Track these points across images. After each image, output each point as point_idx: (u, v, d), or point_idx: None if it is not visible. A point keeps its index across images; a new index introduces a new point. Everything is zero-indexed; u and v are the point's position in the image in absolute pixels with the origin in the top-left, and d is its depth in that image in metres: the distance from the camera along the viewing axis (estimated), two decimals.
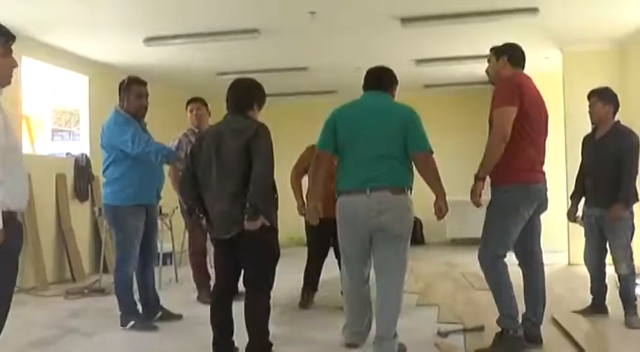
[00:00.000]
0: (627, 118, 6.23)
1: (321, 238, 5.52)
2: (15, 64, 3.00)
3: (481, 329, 4.66)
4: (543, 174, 4.08)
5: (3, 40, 2.92)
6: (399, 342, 3.92)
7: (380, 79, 4.25)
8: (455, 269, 7.85)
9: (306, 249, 5.85)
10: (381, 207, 3.80)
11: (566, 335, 4.45)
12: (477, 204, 4.02)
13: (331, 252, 5.85)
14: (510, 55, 4.16)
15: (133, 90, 4.97)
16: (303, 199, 5.52)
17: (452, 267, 8.01)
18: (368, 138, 3.92)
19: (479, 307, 5.16)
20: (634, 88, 7.67)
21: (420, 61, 8.82)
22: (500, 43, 8.48)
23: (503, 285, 3.99)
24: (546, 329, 4.66)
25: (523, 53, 4.22)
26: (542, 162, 4.08)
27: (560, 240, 8.46)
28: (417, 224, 11.27)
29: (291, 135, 8.65)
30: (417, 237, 11.16)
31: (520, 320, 4.01)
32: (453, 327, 4.66)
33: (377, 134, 3.92)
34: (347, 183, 3.95)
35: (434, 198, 4.00)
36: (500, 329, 3.99)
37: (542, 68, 9.36)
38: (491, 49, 4.27)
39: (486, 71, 4.32)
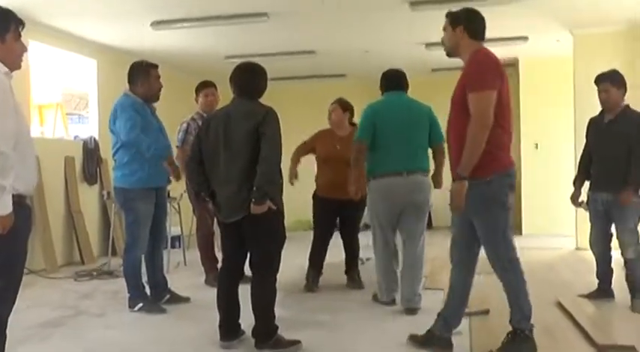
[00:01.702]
0: (638, 102, 6.18)
1: (327, 218, 5.76)
2: (25, 49, 3.05)
3: (486, 312, 4.68)
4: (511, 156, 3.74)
5: (13, 26, 2.95)
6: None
7: (399, 81, 5.10)
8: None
9: (312, 232, 5.88)
10: (415, 186, 4.74)
11: (571, 318, 4.46)
12: (459, 209, 3.52)
13: (337, 235, 5.88)
14: (467, 25, 3.63)
15: (152, 74, 5.01)
16: (295, 172, 5.76)
17: None
18: (401, 131, 4.79)
19: (484, 291, 5.14)
20: None
21: (430, 45, 8.75)
22: (510, 27, 8.46)
23: (522, 285, 3.65)
24: (551, 313, 4.69)
25: (483, 22, 3.67)
26: (510, 146, 3.69)
27: (568, 224, 8.45)
28: None
29: (299, 119, 8.64)
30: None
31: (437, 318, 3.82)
32: None
33: (409, 127, 4.83)
34: (386, 168, 4.76)
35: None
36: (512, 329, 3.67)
37: (553, 51, 9.32)
38: (447, 15, 3.74)
39: (442, 41, 3.83)
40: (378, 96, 5.17)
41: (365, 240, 5.69)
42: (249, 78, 3.98)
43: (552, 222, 9.54)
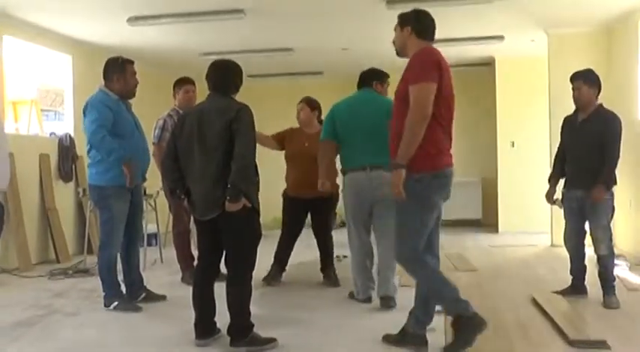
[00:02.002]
0: (612, 101, 6.26)
1: (295, 217, 5.79)
2: None
3: None
4: (451, 157, 3.73)
5: None
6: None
7: (366, 78, 5.12)
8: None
9: None
10: (378, 182, 4.62)
11: (545, 315, 4.52)
12: (400, 196, 3.50)
13: (310, 233, 5.89)
14: (414, 26, 3.70)
15: (128, 70, 4.97)
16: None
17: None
18: (364, 127, 4.80)
19: (460, 288, 5.19)
20: (619, 70, 7.71)
21: None
22: (486, 26, 8.55)
23: (435, 275, 3.66)
24: (525, 310, 4.74)
25: (431, 22, 3.74)
26: (450, 146, 3.72)
27: (544, 221, 8.54)
28: None
29: (277, 117, 8.59)
30: None
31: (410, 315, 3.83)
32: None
33: (372, 123, 4.74)
34: (352, 163, 4.85)
35: None
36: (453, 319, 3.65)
37: (528, 51, 9.41)
38: (398, 17, 3.83)
39: (393, 41, 3.89)
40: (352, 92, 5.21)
41: (342, 237, 5.70)
42: (224, 74, 3.97)
43: (528, 220, 9.63)
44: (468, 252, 7.89)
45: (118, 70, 4.93)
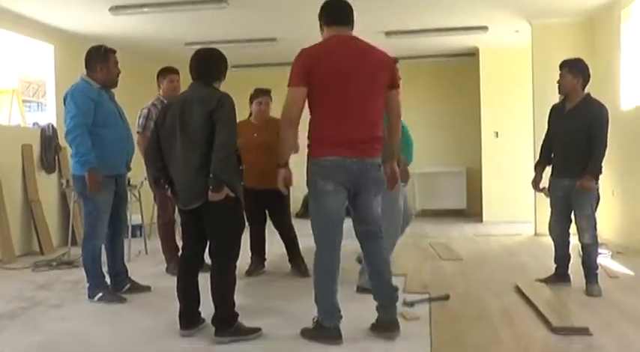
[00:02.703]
0: (595, 91, 6.24)
1: (255, 210, 5.71)
2: None
3: (446, 298, 4.74)
4: (353, 146, 3.61)
5: None
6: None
7: None
8: (423, 240, 7.95)
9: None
10: None
11: (529, 303, 4.56)
12: (284, 192, 3.89)
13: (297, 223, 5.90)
14: (323, 17, 3.81)
15: (111, 59, 4.93)
16: None
17: (420, 238, 8.10)
18: None
19: (445, 276, 5.25)
20: (602, 61, 7.76)
21: (389, 33, 8.79)
22: (470, 17, 8.55)
23: (323, 274, 3.79)
24: (509, 298, 4.78)
25: (336, 7, 3.79)
26: (350, 132, 3.61)
27: (528, 211, 8.61)
28: None
29: None
30: None
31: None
32: (419, 297, 4.73)
33: None
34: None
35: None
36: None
37: (512, 41, 9.45)
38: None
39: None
40: None
41: None
42: (205, 63, 3.94)
43: (512, 209, 9.71)
44: (453, 241, 7.94)
45: (101, 59, 4.89)
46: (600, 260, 5.26)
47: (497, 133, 10.22)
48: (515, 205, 9.54)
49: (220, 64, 3.98)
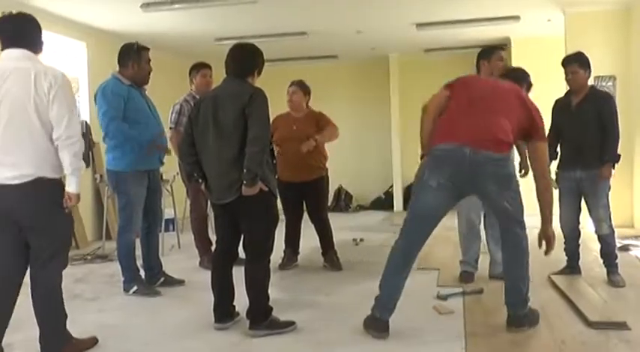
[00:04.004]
0: (631, 80, 6.24)
1: (292, 203, 5.79)
2: None
3: (480, 291, 4.71)
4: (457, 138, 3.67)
5: None
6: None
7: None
8: (456, 234, 7.86)
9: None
10: None
11: (564, 296, 4.50)
12: None
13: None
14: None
15: (144, 57, 4.97)
16: None
17: (453, 232, 8.02)
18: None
19: (478, 271, 5.20)
20: (638, 49, 7.59)
21: (421, 25, 8.72)
22: (502, 6, 8.43)
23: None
24: (544, 291, 4.72)
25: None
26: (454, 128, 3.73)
27: (533, 204, 8.45)
28: None
29: None
30: None
31: None
32: (452, 291, 4.70)
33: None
34: None
35: None
36: None
37: (544, 31, 9.29)
38: None
39: None
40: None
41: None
42: (238, 58, 3.95)
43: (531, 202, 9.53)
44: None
45: (134, 56, 4.93)
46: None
47: None
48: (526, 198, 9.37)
49: (254, 58, 3.98)
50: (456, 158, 3.61)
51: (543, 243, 3.84)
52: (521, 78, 4.39)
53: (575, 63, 4.96)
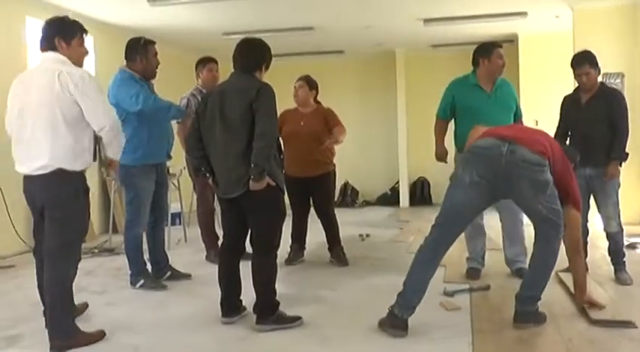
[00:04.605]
0: (638, 78, 6.19)
1: (298, 197, 5.79)
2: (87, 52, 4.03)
3: (487, 288, 4.70)
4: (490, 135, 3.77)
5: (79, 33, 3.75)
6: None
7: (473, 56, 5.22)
8: None
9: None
10: None
11: (571, 294, 4.48)
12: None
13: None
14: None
15: (151, 51, 4.99)
16: None
17: None
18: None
19: (485, 267, 5.20)
20: None
21: (428, 21, 8.70)
22: (509, 2, 8.41)
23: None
24: (551, 288, 4.68)
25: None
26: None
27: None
28: (425, 184, 11.30)
29: None
30: (425, 198, 11.21)
31: None
32: (459, 287, 4.70)
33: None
34: None
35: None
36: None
37: (552, 27, 9.26)
38: None
39: None
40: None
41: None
42: (245, 52, 3.94)
43: None
44: (492, 230, 7.79)
45: (141, 51, 4.94)
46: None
47: (537, 122, 10.04)
48: None
49: (262, 53, 3.98)
50: (492, 155, 3.60)
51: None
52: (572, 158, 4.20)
53: (586, 63, 4.91)
